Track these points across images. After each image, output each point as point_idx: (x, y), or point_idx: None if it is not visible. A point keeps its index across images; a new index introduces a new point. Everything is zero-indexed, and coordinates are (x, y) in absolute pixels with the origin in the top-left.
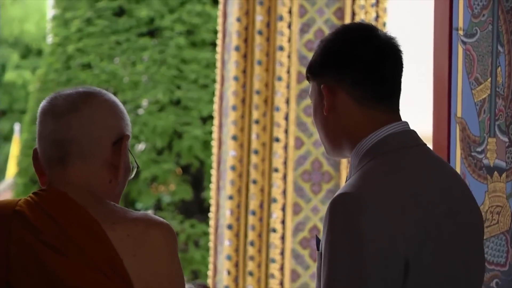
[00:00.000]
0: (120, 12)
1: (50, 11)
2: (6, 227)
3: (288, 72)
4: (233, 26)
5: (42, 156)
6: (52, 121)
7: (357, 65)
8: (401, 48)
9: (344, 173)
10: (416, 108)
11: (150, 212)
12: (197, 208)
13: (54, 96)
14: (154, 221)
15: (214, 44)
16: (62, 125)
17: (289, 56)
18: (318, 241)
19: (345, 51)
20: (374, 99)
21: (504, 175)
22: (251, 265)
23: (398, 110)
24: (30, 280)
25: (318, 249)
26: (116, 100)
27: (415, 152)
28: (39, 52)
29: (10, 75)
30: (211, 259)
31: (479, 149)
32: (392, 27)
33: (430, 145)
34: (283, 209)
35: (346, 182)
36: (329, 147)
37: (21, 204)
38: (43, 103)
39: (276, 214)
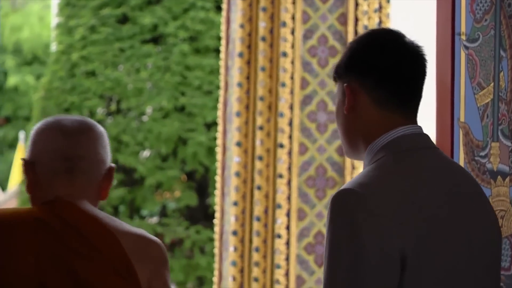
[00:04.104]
0: (123, 20)
1: (54, 19)
2: (32, 233)
3: (292, 78)
4: (237, 33)
5: (45, 167)
6: (62, 137)
7: (379, 69)
8: (426, 57)
9: (348, 178)
10: (419, 113)
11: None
12: (202, 215)
13: (58, 118)
14: (153, 238)
15: (217, 51)
16: (73, 142)
17: (292, 62)
18: None
19: (369, 55)
20: (393, 103)
21: (507, 179)
22: (256, 271)
23: (415, 115)
24: (63, 285)
25: None
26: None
27: (425, 154)
28: (42, 60)
29: (13, 83)
30: (216, 265)
31: (482, 154)
32: None
33: None
34: (288, 214)
35: None
36: (347, 147)
37: (38, 212)
38: (47, 122)
39: (281, 220)
